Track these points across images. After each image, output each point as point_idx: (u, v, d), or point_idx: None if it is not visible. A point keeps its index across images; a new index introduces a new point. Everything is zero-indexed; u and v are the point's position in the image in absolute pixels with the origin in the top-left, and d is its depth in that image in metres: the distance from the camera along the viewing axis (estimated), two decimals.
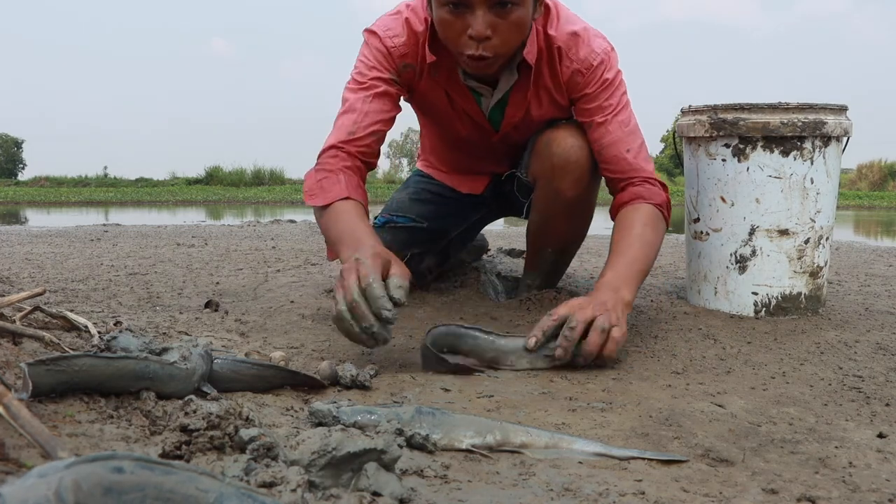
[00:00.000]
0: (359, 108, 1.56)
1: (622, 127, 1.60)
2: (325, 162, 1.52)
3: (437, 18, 1.43)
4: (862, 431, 0.95)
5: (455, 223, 1.99)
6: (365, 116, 1.55)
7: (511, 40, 1.43)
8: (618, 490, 0.74)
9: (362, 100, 1.56)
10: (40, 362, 0.77)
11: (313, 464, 0.65)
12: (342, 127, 1.55)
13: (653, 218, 1.55)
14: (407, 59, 1.59)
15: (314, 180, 1.50)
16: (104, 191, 14.32)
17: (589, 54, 1.57)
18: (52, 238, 3.79)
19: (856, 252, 3.57)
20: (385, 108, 1.58)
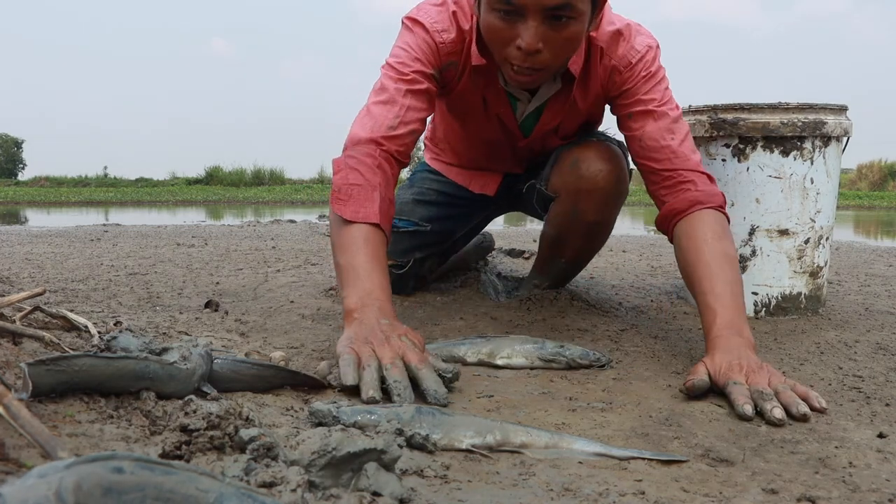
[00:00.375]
0: (400, 101, 1.42)
1: (665, 117, 1.47)
2: (362, 160, 1.36)
3: (486, 23, 1.32)
4: (862, 431, 0.95)
5: (461, 224, 1.93)
6: (406, 112, 1.42)
7: (562, 55, 1.33)
8: (618, 490, 0.74)
9: (404, 93, 1.43)
10: (40, 362, 0.77)
11: (313, 464, 0.65)
12: (381, 118, 1.41)
13: (724, 227, 1.38)
14: (452, 57, 1.49)
15: (345, 180, 1.35)
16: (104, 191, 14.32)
17: (628, 51, 1.47)
18: (52, 238, 3.79)
19: (856, 252, 3.57)
20: (423, 106, 1.45)
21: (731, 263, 1.31)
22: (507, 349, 1.27)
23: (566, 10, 1.25)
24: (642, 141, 1.47)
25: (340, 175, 1.36)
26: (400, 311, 1.71)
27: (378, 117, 1.41)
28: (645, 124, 1.47)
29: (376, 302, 1.19)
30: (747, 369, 1.10)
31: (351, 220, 1.30)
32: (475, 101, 1.59)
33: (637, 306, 1.87)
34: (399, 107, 1.42)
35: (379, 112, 1.41)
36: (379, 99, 1.44)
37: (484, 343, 1.30)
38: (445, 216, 1.86)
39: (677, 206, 1.41)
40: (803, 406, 1.01)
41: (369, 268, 1.25)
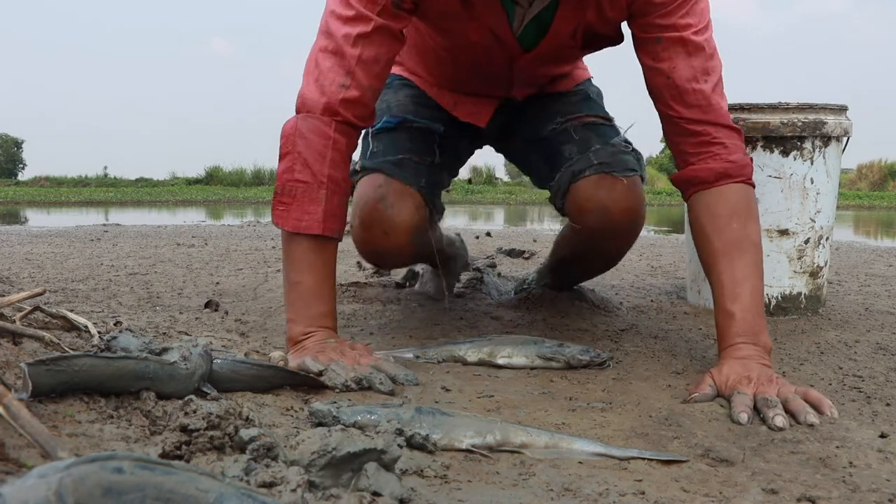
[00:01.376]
0: (349, 52, 1.19)
1: (701, 51, 1.21)
2: (312, 139, 1.19)
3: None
4: (862, 431, 0.95)
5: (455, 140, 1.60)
6: (357, 66, 1.19)
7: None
8: (618, 490, 0.74)
9: (354, 40, 1.19)
10: (40, 362, 0.77)
11: (313, 464, 0.65)
12: (329, 76, 1.20)
13: (751, 205, 1.23)
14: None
15: (290, 174, 1.20)
16: (104, 191, 14.32)
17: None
18: (52, 238, 3.79)
19: (856, 252, 3.57)
20: (381, 52, 1.21)
21: (752, 251, 1.19)
22: (508, 348, 1.27)
23: None
24: (671, 79, 1.22)
25: (285, 166, 1.21)
26: (400, 311, 1.71)
27: (326, 73, 1.21)
28: (675, 57, 1.21)
29: (321, 331, 1.19)
30: (756, 381, 1.05)
31: (294, 232, 1.20)
32: (458, 14, 1.28)
33: (637, 306, 1.87)
34: (349, 59, 1.19)
35: (327, 65, 1.21)
36: (322, 46, 1.22)
37: (484, 343, 1.30)
38: (428, 117, 1.55)
39: (702, 175, 1.23)
40: (812, 416, 0.97)
41: (316, 291, 1.21)
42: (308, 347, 1.17)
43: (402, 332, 1.50)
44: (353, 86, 1.20)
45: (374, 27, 1.19)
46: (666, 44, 1.21)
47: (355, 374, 1.09)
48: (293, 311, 1.21)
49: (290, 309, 1.22)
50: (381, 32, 1.20)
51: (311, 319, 1.20)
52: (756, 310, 1.16)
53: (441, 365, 1.26)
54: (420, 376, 1.16)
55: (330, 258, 1.24)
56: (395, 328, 1.54)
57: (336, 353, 1.14)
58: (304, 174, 1.20)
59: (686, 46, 1.21)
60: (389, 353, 1.29)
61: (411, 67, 1.60)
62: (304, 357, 1.14)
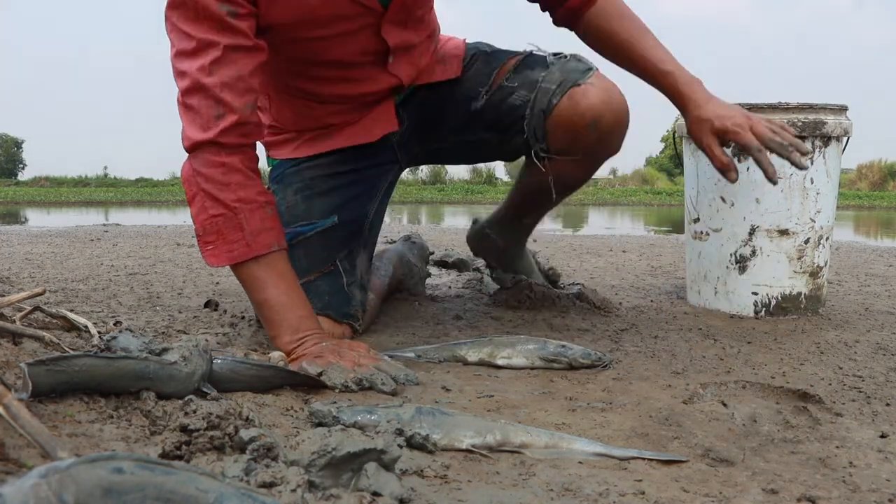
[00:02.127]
0: (209, 82, 1.13)
1: None
2: (210, 174, 1.16)
3: None
4: (863, 431, 0.95)
5: (370, 198, 1.51)
6: (227, 90, 1.13)
7: None
8: (618, 490, 0.74)
9: (209, 69, 1.13)
10: (40, 362, 0.77)
11: (313, 464, 0.65)
12: (202, 112, 1.15)
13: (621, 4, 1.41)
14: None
15: (204, 212, 1.17)
16: (104, 191, 14.31)
17: None
18: (52, 238, 3.79)
19: (856, 252, 3.57)
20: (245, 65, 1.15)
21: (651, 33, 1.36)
22: (508, 349, 1.27)
23: None
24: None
25: (197, 207, 1.18)
26: (401, 310, 1.71)
27: (199, 109, 1.15)
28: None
29: (310, 334, 1.18)
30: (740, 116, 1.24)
31: (234, 265, 1.20)
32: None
33: (637, 306, 1.87)
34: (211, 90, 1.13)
35: (194, 102, 1.15)
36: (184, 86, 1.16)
37: (485, 343, 1.30)
38: (351, 197, 1.47)
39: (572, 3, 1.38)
40: None
41: (285, 301, 1.19)
42: (305, 353, 1.15)
43: (405, 331, 1.50)
44: (226, 112, 1.15)
45: (222, 50, 1.13)
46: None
47: (355, 375, 1.08)
48: (272, 328, 1.19)
49: (269, 326, 1.20)
50: (232, 52, 1.14)
51: (294, 328, 1.18)
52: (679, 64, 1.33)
53: (441, 365, 1.26)
54: (420, 376, 1.16)
55: (283, 268, 1.21)
56: (396, 327, 1.53)
57: (334, 355, 1.13)
58: (215, 208, 1.17)
59: None
60: (390, 352, 1.29)
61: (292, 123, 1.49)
62: (301, 362, 1.13)
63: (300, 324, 1.18)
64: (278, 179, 1.50)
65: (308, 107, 1.44)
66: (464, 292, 1.95)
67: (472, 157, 1.67)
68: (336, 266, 1.43)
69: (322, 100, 1.42)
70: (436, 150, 1.61)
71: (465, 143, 1.57)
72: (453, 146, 1.59)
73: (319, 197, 1.45)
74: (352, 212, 1.47)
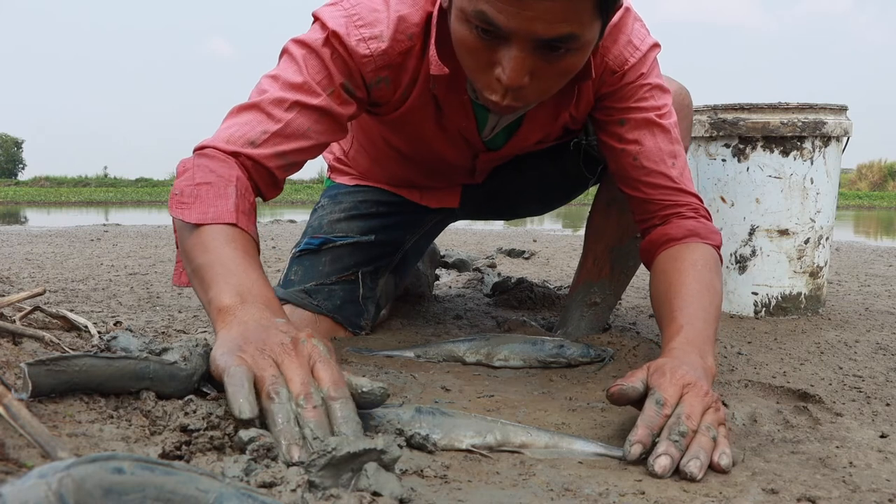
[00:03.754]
0: (276, 114, 1.06)
1: (667, 133, 1.18)
2: (215, 157, 1.03)
3: (457, 36, 0.99)
4: (862, 431, 0.95)
5: (411, 232, 1.52)
6: (282, 128, 1.05)
7: (554, 88, 1.03)
8: (618, 490, 0.74)
9: (290, 105, 1.06)
10: (40, 362, 0.77)
11: (313, 464, 0.65)
12: (243, 127, 1.05)
13: (713, 262, 1.14)
14: (384, 72, 1.11)
15: (190, 180, 0.99)
16: (104, 191, 14.32)
17: (626, 48, 1.15)
18: (52, 238, 3.79)
19: (856, 252, 3.57)
20: (319, 130, 1.08)
21: (712, 295, 1.07)
22: (505, 350, 1.27)
23: (567, 42, 0.94)
24: (638, 160, 1.18)
25: (185, 176, 1.01)
26: (402, 310, 1.71)
27: (240, 126, 1.06)
28: (643, 138, 1.17)
29: (260, 298, 0.87)
30: (685, 382, 0.86)
31: (198, 224, 0.96)
32: (426, 114, 1.21)
33: (637, 306, 1.87)
34: (274, 121, 1.05)
35: (243, 120, 1.06)
36: (250, 102, 1.08)
37: (483, 343, 1.29)
38: (392, 224, 1.48)
39: (671, 232, 1.17)
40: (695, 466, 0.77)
41: (242, 262, 0.92)
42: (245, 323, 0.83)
43: (407, 330, 1.50)
44: (263, 145, 1.04)
45: (319, 103, 1.07)
46: (632, 125, 1.18)
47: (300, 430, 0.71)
48: (216, 286, 0.89)
49: (211, 286, 0.89)
50: (323, 112, 1.08)
51: (244, 288, 0.88)
52: (707, 336, 1.00)
53: (441, 365, 1.26)
54: (420, 376, 1.16)
55: (251, 246, 0.98)
56: (397, 326, 1.53)
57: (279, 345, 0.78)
58: (207, 178, 0.99)
59: (652, 127, 1.18)
60: (389, 352, 1.28)
61: (363, 171, 1.51)
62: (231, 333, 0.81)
63: (251, 288, 0.88)
64: (330, 196, 1.53)
65: (387, 157, 1.42)
66: (464, 292, 1.95)
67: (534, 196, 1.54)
68: (357, 277, 1.41)
69: (403, 158, 1.39)
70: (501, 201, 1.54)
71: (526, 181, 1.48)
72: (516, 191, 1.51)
73: (363, 218, 1.46)
74: (389, 235, 1.47)
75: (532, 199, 1.55)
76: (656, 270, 1.17)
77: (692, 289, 1.07)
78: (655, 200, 1.20)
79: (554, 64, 0.97)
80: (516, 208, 1.60)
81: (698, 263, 1.12)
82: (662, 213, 1.20)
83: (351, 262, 1.42)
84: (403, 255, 1.52)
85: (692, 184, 1.23)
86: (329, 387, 0.75)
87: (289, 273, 1.44)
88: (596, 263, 1.46)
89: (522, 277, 2.04)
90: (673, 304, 1.06)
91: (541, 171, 1.46)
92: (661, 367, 0.89)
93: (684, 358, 0.93)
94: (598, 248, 1.45)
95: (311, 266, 1.42)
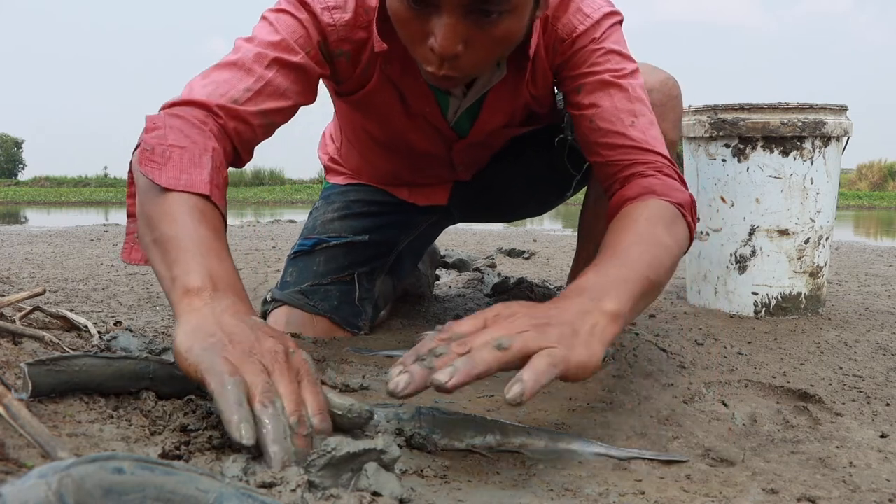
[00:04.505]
0: (257, 70, 1.04)
1: (623, 91, 1.12)
2: (188, 119, 0.96)
3: (392, 9, 0.97)
4: (862, 431, 0.95)
5: (406, 232, 1.51)
6: (265, 86, 1.03)
7: (490, 56, 0.99)
8: (618, 490, 0.74)
9: (268, 62, 1.04)
10: (40, 362, 0.77)
11: (313, 464, 0.65)
12: (224, 85, 1.01)
13: (667, 216, 1.03)
14: (345, 45, 1.11)
15: (163, 139, 0.91)
16: (104, 191, 14.32)
17: (575, 15, 1.13)
18: (52, 238, 3.79)
19: (856, 252, 3.57)
20: (295, 88, 1.07)
21: (648, 245, 0.95)
22: None
23: (498, 4, 0.91)
24: (594, 122, 1.12)
25: (156, 133, 0.92)
26: (402, 310, 1.71)
27: (220, 84, 1.02)
28: (598, 100, 1.12)
29: (231, 288, 0.80)
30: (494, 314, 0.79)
31: (169, 188, 0.87)
32: (391, 99, 1.20)
33: None
34: (252, 78, 1.03)
35: (222, 78, 1.02)
36: (225, 59, 1.05)
37: None
38: (385, 224, 1.47)
39: (628, 193, 1.08)
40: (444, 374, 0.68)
41: (213, 244, 0.83)
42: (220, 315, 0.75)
43: (409, 329, 1.50)
44: (247, 101, 1.02)
45: (298, 60, 1.07)
46: (587, 90, 1.13)
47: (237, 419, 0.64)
48: (182, 264, 0.80)
49: (176, 263, 0.80)
50: (302, 70, 1.07)
51: (213, 272, 0.79)
52: (616, 281, 0.87)
53: None
54: None
55: (221, 224, 0.90)
56: (396, 327, 1.53)
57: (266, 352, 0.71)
58: (180, 141, 0.92)
59: (607, 88, 1.12)
60: (388, 352, 1.28)
61: (354, 168, 1.52)
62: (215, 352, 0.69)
63: (222, 275, 0.80)
64: (324, 197, 1.54)
65: (369, 148, 1.41)
66: (464, 292, 1.95)
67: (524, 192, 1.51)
68: (352, 278, 1.41)
69: (383, 149, 1.38)
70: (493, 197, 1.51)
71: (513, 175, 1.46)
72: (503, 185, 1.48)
73: (356, 217, 1.46)
74: (383, 235, 1.46)
75: (523, 198, 1.53)
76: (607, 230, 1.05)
77: (625, 241, 0.96)
78: (614, 162, 1.12)
79: (488, 30, 0.94)
80: (510, 208, 1.59)
81: (640, 219, 1.01)
82: (623, 175, 1.12)
83: (345, 263, 1.42)
84: (399, 256, 1.51)
85: (660, 143, 1.13)
86: (316, 417, 0.69)
87: (285, 275, 1.45)
88: (588, 262, 1.45)
89: (522, 277, 2.04)
90: (597, 258, 0.95)
91: (528, 167, 1.44)
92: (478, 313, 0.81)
93: (554, 303, 0.83)
94: (590, 248, 1.43)
95: (306, 267, 1.42)
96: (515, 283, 1.92)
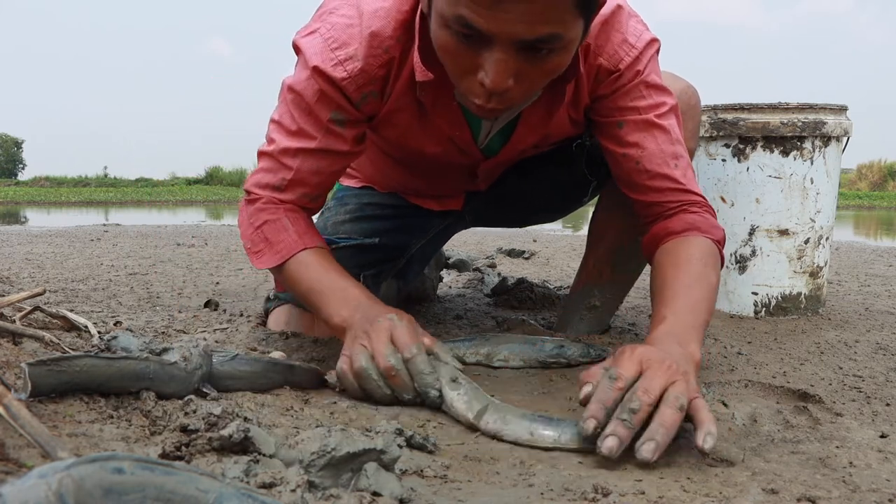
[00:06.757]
0: (287, 162, 1.17)
1: (667, 133, 1.17)
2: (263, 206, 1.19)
3: (439, 41, 0.97)
4: (862, 431, 0.95)
5: (417, 236, 1.51)
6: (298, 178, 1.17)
7: (537, 88, 1.01)
8: (618, 490, 0.74)
9: (294, 153, 1.16)
10: (40, 362, 0.77)
11: (313, 464, 0.65)
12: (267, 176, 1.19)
13: (713, 255, 1.15)
14: (367, 87, 1.12)
15: (251, 227, 1.18)
16: (104, 191, 14.32)
17: (620, 46, 1.13)
18: (52, 238, 3.79)
19: (856, 252, 3.57)
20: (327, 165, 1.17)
21: (707, 289, 1.09)
22: (505, 351, 1.27)
23: (550, 43, 0.92)
24: (640, 164, 1.17)
25: (245, 226, 1.20)
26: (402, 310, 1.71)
27: (263, 174, 1.20)
28: (643, 141, 1.16)
29: (356, 300, 1.08)
30: (645, 358, 0.86)
31: (281, 264, 1.15)
32: (405, 120, 1.20)
33: (637, 306, 1.87)
34: (287, 170, 1.17)
35: (263, 167, 1.20)
36: (265, 149, 1.19)
37: (483, 343, 1.29)
38: (397, 227, 1.48)
39: (671, 226, 1.18)
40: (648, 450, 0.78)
41: (341, 282, 1.11)
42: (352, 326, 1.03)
43: None
44: (287, 191, 1.18)
45: (317, 145, 1.15)
46: (630, 127, 1.16)
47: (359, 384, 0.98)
48: (326, 308, 1.09)
49: (322, 309, 1.10)
50: (324, 152, 1.16)
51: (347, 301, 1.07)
52: (692, 326, 1.01)
53: None
54: None
55: (329, 257, 1.16)
56: None
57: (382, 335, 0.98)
58: (263, 218, 1.18)
59: (651, 129, 1.16)
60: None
61: (368, 176, 1.53)
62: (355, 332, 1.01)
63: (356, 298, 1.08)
64: (337, 199, 1.54)
65: (386, 164, 1.43)
66: (464, 292, 1.95)
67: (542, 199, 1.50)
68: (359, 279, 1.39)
69: (401, 165, 1.40)
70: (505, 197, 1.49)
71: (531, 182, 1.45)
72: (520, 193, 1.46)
73: (368, 220, 1.47)
74: (394, 238, 1.47)
75: (540, 204, 1.51)
76: (654, 265, 1.19)
77: (682, 282, 1.08)
78: (661, 203, 1.20)
79: (537, 65, 0.95)
80: (526, 214, 1.57)
81: (693, 257, 1.12)
82: (667, 214, 1.20)
83: (352, 263, 1.39)
84: (408, 261, 1.51)
85: (696, 184, 1.22)
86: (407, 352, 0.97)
87: None
88: (597, 266, 1.46)
89: (522, 277, 2.04)
90: (662, 297, 1.08)
91: (545, 174, 1.42)
92: (622, 351, 0.89)
93: (659, 345, 0.93)
94: (600, 251, 1.45)
95: None
96: (515, 283, 1.92)
